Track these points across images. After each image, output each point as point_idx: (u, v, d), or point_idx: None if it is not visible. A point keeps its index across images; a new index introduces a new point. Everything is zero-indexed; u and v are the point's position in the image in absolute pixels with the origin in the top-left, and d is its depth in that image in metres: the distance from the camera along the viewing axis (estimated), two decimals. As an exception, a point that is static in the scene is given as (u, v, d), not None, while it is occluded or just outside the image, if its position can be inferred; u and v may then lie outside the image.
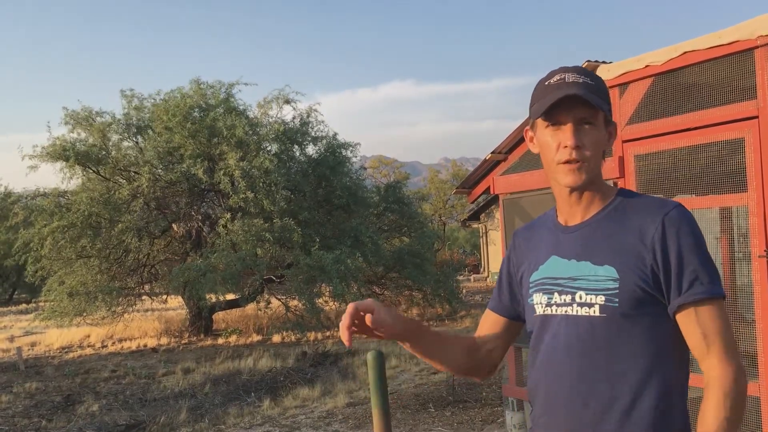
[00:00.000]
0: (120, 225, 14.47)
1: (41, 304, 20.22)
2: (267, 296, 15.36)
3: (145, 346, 13.73)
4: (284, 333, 14.25)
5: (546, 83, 1.52)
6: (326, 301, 15.60)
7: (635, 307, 1.45)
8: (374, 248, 15.04)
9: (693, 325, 1.44)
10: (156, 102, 15.84)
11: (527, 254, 1.67)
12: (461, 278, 21.77)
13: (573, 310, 1.51)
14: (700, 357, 1.45)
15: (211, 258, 13.45)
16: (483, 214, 25.59)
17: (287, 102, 16.44)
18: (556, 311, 1.54)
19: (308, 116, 16.58)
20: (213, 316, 16.04)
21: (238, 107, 15.66)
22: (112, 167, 15.19)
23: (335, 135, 16.82)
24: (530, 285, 1.62)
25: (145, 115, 16.02)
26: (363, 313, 1.50)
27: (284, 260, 14.56)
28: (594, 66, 4.66)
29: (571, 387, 1.49)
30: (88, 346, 14.12)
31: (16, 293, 32.55)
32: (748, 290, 3.75)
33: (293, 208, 14.92)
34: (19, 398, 9.10)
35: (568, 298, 1.52)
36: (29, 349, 13.80)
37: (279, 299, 15.22)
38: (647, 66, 4.12)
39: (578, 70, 1.51)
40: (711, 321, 1.44)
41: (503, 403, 6.43)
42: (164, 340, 14.37)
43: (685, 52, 3.91)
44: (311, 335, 14.08)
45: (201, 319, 15.36)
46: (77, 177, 15.68)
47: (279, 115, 16.57)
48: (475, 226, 30.13)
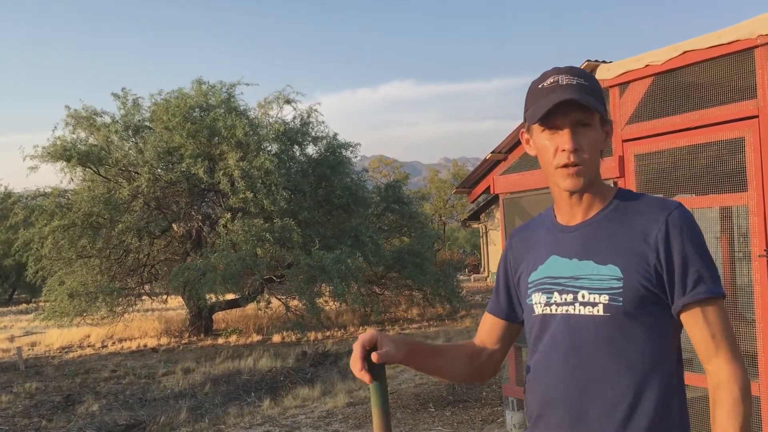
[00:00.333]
0: (120, 225, 14.47)
1: (41, 304, 20.20)
2: (267, 296, 15.36)
3: (145, 346, 13.72)
4: (284, 333, 14.25)
5: (540, 86, 1.51)
6: (326, 301, 15.60)
7: (638, 307, 1.46)
8: (374, 248, 15.05)
9: (700, 325, 1.45)
10: (156, 102, 15.84)
11: (525, 254, 1.67)
12: (461, 278, 21.77)
13: (575, 310, 1.50)
14: (707, 357, 1.46)
15: (211, 258, 13.45)
16: (483, 214, 25.59)
17: (287, 102, 16.45)
18: (556, 311, 1.53)
19: (309, 116, 16.60)
20: (213, 316, 16.04)
21: (239, 107, 15.66)
22: (113, 167, 15.19)
23: (335, 135, 16.86)
24: (529, 285, 1.61)
25: (145, 115, 16.01)
26: (369, 349, 1.54)
27: (284, 260, 14.56)
28: (594, 66, 4.65)
29: (572, 386, 1.49)
30: (88, 346, 14.12)
31: (16, 293, 32.55)
32: (748, 290, 3.75)
33: (293, 208, 14.92)
34: (19, 398, 9.10)
35: (570, 298, 1.51)
36: (29, 349, 13.80)
37: (279, 299, 15.22)
38: (647, 65, 4.12)
39: (571, 71, 1.51)
40: (717, 321, 1.45)
41: (503, 403, 6.43)
42: (164, 340, 14.37)
43: (685, 52, 3.91)
44: (311, 335, 14.07)
45: (201, 319, 15.35)
46: (78, 177, 15.69)
47: (279, 115, 16.59)
48: (475, 226, 30.12)
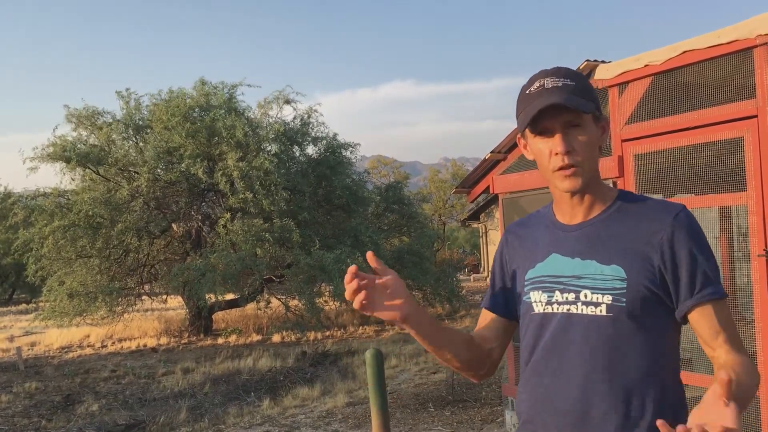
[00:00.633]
0: (120, 225, 14.47)
1: (41, 304, 20.21)
2: (267, 296, 15.36)
3: (145, 346, 13.72)
4: (284, 333, 14.25)
5: (527, 91, 1.51)
6: (326, 301, 15.61)
7: (641, 308, 1.45)
8: (374, 248, 15.05)
9: (708, 325, 1.45)
10: (157, 102, 15.84)
11: (521, 251, 1.65)
12: (461, 278, 21.77)
13: (577, 309, 1.49)
14: (714, 349, 1.46)
15: (211, 258, 13.45)
16: (483, 214, 25.55)
17: (287, 102, 16.45)
18: (558, 309, 1.52)
19: (309, 117, 16.61)
20: (213, 316, 16.04)
21: (239, 108, 15.66)
22: (113, 167, 15.19)
23: (335, 135, 16.86)
24: (526, 282, 1.60)
25: (145, 115, 16.01)
26: (375, 277, 1.44)
27: (284, 260, 14.56)
28: (594, 66, 4.65)
29: (571, 387, 1.48)
30: (88, 346, 14.12)
31: (16, 293, 32.55)
32: (748, 289, 3.75)
33: (293, 209, 14.92)
34: (19, 398, 9.10)
35: (572, 297, 1.50)
36: (29, 349, 13.80)
37: (279, 299, 15.22)
38: (646, 65, 4.12)
39: (557, 73, 1.50)
40: (724, 320, 1.46)
41: (503, 403, 6.43)
42: (164, 340, 14.37)
43: (684, 52, 3.91)
44: (311, 335, 14.08)
45: (201, 319, 15.35)
46: (78, 177, 15.69)
47: (279, 116, 16.60)
48: (475, 226, 30.11)
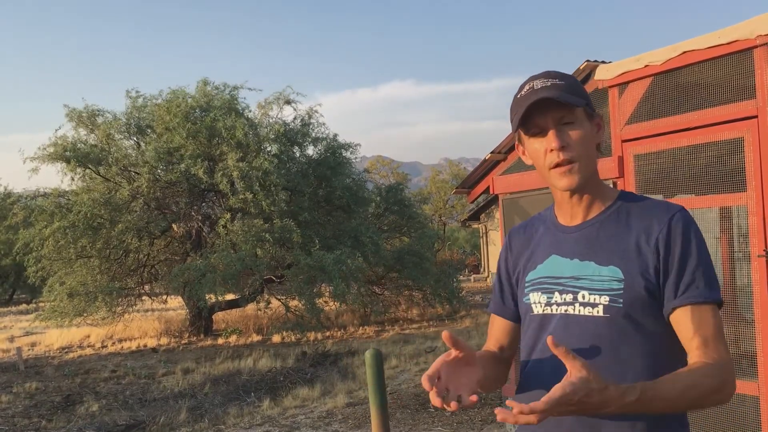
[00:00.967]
0: (120, 225, 14.48)
1: (41, 305, 20.21)
2: (267, 296, 15.37)
3: (145, 347, 13.72)
4: (284, 333, 14.25)
5: (518, 96, 1.53)
6: (326, 301, 15.61)
7: (638, 309, 1.45)
8: (374, 248, 15.05)
9: (687, 328, 1.43)
10: (158, 102, 15.85)
11: (523, 253, 1.66)
12: (461, 278, 21.76)
13: (574, 310, 1.50)
14: (695, 358, 1.42)
15: (211, 258, 13.45)
16: (483, 214, 25.58)
17: (288, 103, 16.46)
18: (556, 310, 1.53)
19: (309, 117, 16.61)
20: (213, 316, 16.04)
21: (239, 109, 15.66)
22: (113, 166, 15.19)
23: (335, 136, 16.86)
24: (527, 284, 1.61)
25: (146, 115, 16.02)
26: (454, 357, 1.46)
27: (284, 260, 14.57)
28: (594, 66, 4.66)
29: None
30: (88, 347, 14.12)
31: (16, 293, 32.56)
32: (748, 290, 3.74)
33: (293, 209, 14.92)
34: (19, 398, 9.10)
35: (570, 298, 1.51)
36: (29, 350, 13.80)
37: (279, 299, 15.22)
38: (646, 66, 4.12)
39: (546, 75, 1.51)
40: (709, 326, 1.42)
41: (503, 403, 6.43)
42: (164, 340, 14.36)
43: (685, 52, 3.91)
44: (311, 335, 14.07)
45: (201, 319, 15.36)
46: (78, 178, 15.70)
47: (279, 116, 16.61)
48: (475, 226, 30.11)
